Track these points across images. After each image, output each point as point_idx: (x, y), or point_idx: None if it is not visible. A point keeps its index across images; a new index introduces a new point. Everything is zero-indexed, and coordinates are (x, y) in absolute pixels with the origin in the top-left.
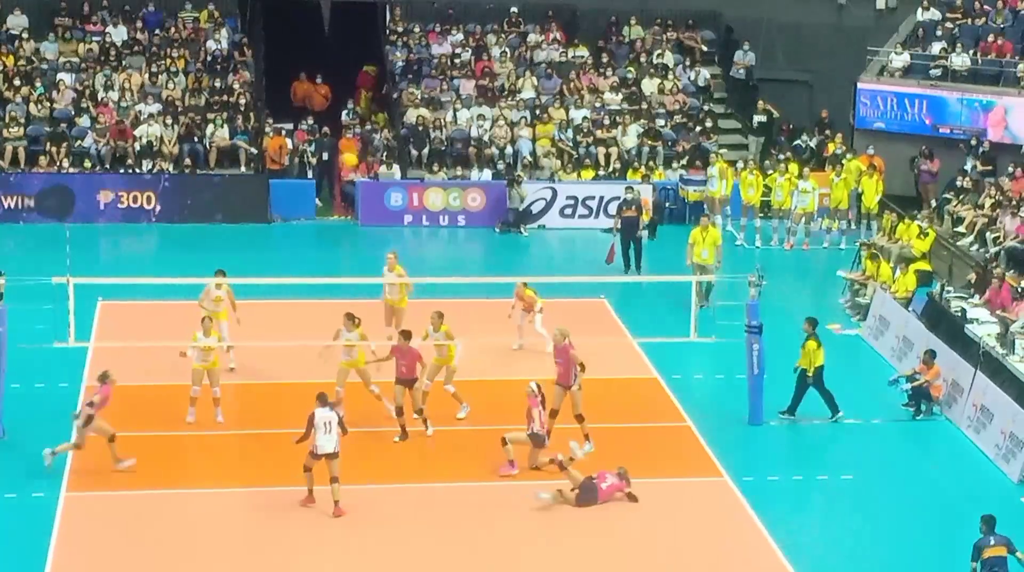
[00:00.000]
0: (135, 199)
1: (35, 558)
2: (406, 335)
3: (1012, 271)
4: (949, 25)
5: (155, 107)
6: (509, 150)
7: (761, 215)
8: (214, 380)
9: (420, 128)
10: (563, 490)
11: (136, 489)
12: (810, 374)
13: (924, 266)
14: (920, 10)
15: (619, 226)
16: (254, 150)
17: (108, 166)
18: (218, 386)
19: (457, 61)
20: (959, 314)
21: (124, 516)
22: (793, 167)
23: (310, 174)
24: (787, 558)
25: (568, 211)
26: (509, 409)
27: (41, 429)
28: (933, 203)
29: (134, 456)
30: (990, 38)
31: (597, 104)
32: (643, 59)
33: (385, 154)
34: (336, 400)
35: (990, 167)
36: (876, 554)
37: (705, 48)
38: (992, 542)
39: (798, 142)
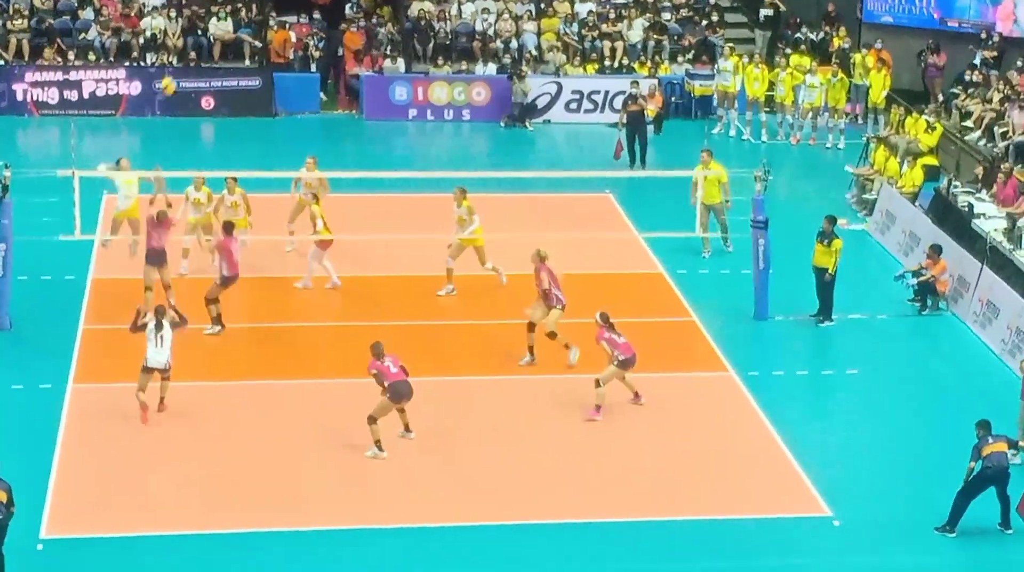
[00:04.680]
0: (140, 92)
1: (42, 449)
2: None
3: (1020, 166)
4: None
5: (159, 0)
6: (514, 44)
7: (767, 110)
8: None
9: (424, 22)
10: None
11: None
12: (831, 273)
13: (931, 160)
14: None
15: (624, 121)
16: (258, 43)
17: (112, 59)
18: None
19: None
20: (966, 209)
21: (131, 408)
22: (795, 60)
23: (314, 68)
24: (791, 452)
25: (573, 106)
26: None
27: (47, 321)
28: (940, 97)
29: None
30: None
31: None
32: None
33: (389, 48)
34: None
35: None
36: (880, 448)
37: None
38: (991, 440)
39: (798, 35)
